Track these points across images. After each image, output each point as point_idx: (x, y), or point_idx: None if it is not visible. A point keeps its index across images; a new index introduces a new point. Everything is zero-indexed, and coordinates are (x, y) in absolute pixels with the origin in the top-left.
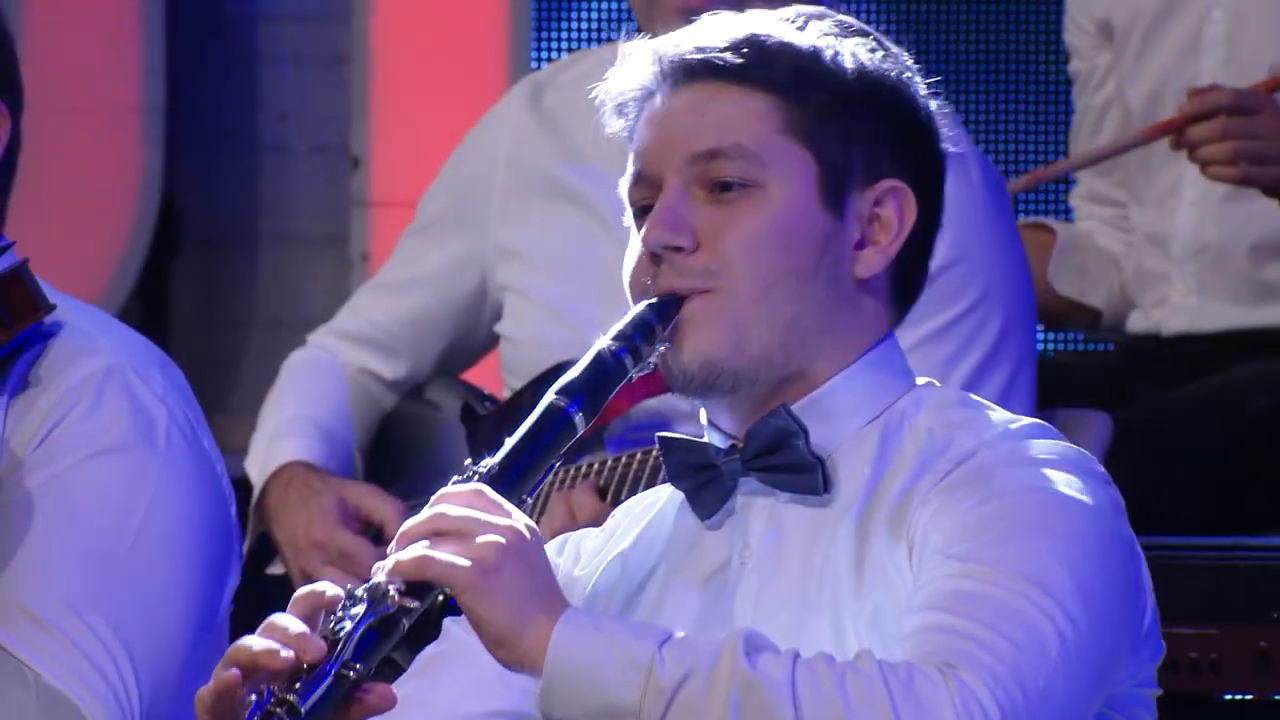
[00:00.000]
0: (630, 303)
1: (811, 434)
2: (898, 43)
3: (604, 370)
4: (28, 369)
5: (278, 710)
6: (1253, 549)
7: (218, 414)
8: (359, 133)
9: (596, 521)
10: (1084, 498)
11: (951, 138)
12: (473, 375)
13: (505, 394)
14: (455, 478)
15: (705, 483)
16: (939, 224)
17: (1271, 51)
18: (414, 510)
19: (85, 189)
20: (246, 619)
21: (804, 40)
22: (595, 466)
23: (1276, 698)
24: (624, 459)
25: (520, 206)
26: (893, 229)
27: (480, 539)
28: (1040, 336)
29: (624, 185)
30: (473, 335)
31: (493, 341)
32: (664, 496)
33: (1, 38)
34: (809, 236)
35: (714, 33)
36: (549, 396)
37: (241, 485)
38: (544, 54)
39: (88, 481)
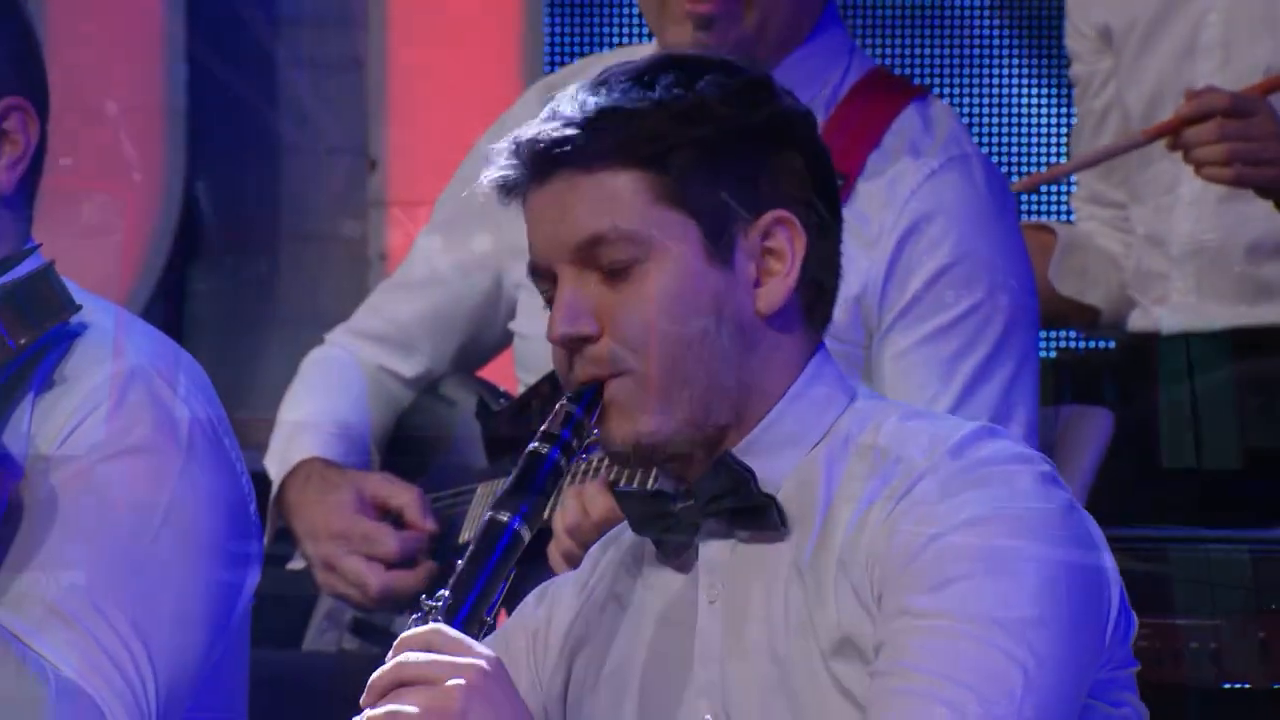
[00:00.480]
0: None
1: (757, 472)
2: (899, 44)
3: (540, 475)
4: (53, 368)
5: None
6: (1252, 541)
7: (237, 411)
8: (376, 134)
9: (609, 517)
10: (1034, 510)
11: (958, 140)
12: (487, 371)
13: (519, 389)
14: (413, 616)
15: (666, 529)
16: (840, 221)
17: (1267, 54)
18: (433, 501)
19: (107, 190)
20: (266, 613)
21: (652, 102)
22: (607, 461)
23: (1276, 687)
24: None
25: None
26: (787, 258)
27: (445, 684)
28: (1043, 334)
29: (525, 270)
30: (488, 332)
31: (508, 339)
32: (632, 537)
33: (30, 41)
34: (706, 296)
35: (565, 117)
36: (488, 513)
37: (261, 481)
38: (557, 58)
39: (110, 480)
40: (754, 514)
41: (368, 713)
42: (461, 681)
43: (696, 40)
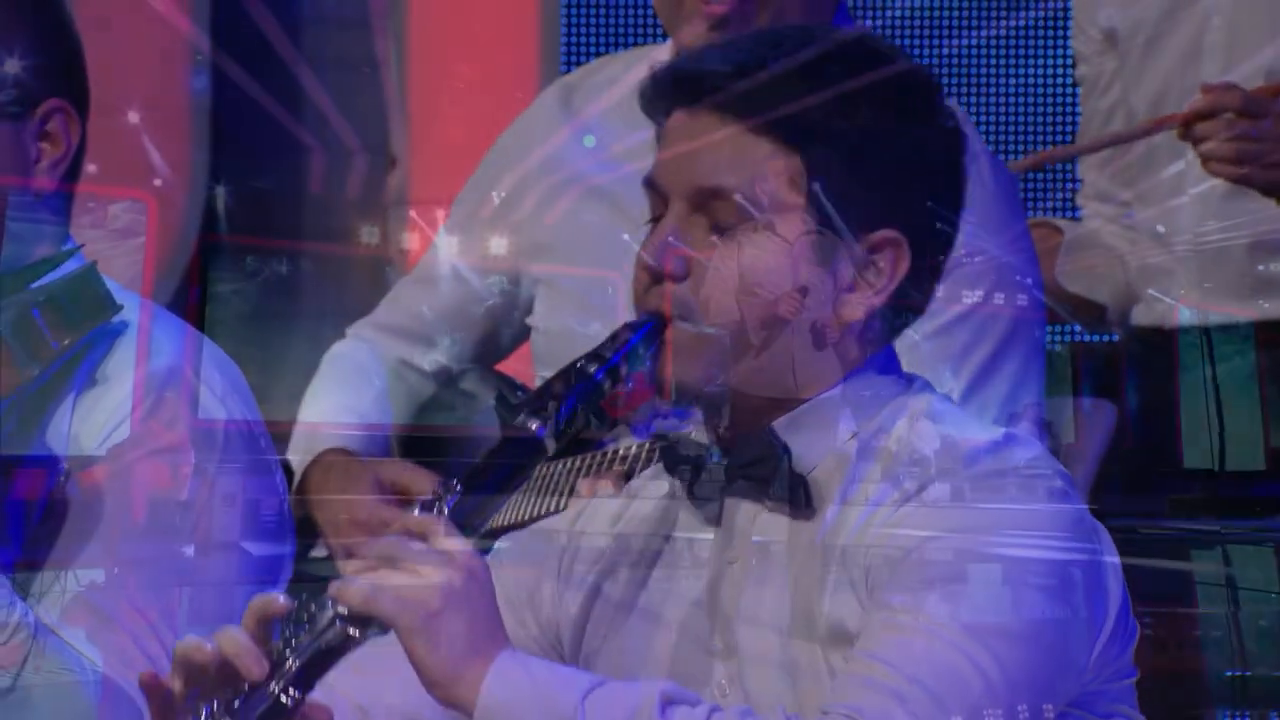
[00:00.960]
0: (633, 304)
1: (795, 450)
2: (910, 43)
3: (577, 390)
4: (94, 368)
5: None
6: (1260, 531)
7: (261, 405)
8: (397, 133)
9: None
10: (1036, 524)
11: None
12: (506, 365)
13: (536, 383)
14: (422, 498)
15: (698, 480)
16: (953, 244)
17: (1270, 57)
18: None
19: (130, 193)
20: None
21: (820, 85)
22: (621, 452)
23: None
24: (648, 446)
25: (551, 204)
26: (885, 277)
27: (429, 578)
28: (1049, 329)
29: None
30: (506, 328)
31: (526, 333)
32: (670, 482)
33: (71, 43)
34: (795, 284)
35: (738, 61)
36: (521, 416)
37: (284, 472)
38: (574, 59)
39: (148, 480)
40: (782, 489)
41: (349, 583)
42: (447, 582)
43: (710, 40)
